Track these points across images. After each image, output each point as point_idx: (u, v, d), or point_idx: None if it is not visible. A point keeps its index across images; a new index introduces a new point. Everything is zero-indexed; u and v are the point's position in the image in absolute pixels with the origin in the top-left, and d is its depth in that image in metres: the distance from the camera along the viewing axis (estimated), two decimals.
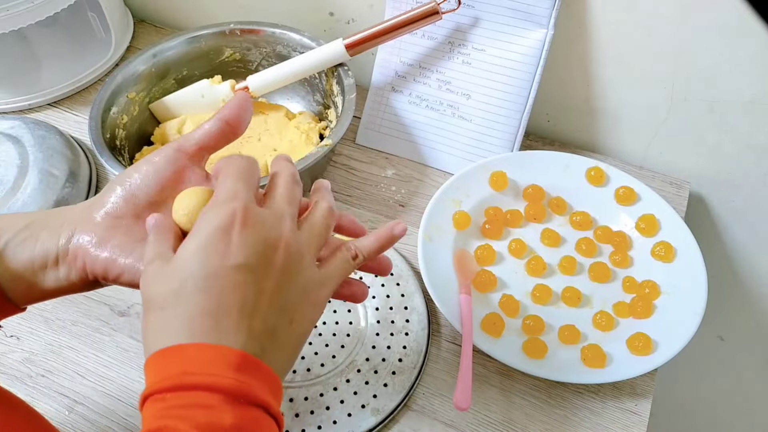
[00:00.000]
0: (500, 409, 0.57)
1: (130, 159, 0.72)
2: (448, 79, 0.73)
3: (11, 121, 0.75)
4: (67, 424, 0.56)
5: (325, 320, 0.61)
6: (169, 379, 0.31)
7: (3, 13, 0.71)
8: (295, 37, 0.75)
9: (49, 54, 0.88)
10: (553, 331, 0.60)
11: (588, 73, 0.72)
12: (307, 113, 0.78)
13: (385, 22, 0.68)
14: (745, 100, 0.66)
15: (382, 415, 0.55)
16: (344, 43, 0.69)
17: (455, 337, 0.62)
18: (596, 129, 0.77)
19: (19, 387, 0.59)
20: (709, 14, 0.62)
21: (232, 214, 0.34)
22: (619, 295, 0.63)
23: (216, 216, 0.34)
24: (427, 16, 0.67)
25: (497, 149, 0.73)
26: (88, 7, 0.86)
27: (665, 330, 0.59)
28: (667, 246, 0.64)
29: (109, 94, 0.71)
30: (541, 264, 0.64)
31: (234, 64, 0.79)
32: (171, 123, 0.75)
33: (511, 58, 0.70)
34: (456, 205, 0.68)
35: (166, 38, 0.76)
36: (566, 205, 0.70)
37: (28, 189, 0.68)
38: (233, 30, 0.76)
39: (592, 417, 0.57)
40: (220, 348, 0.31)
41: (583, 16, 0.67)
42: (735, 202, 0.76)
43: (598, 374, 0.56)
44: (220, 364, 0.31)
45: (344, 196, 0.73)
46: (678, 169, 0.75)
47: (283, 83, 0.72)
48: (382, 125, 0.77)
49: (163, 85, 0.77)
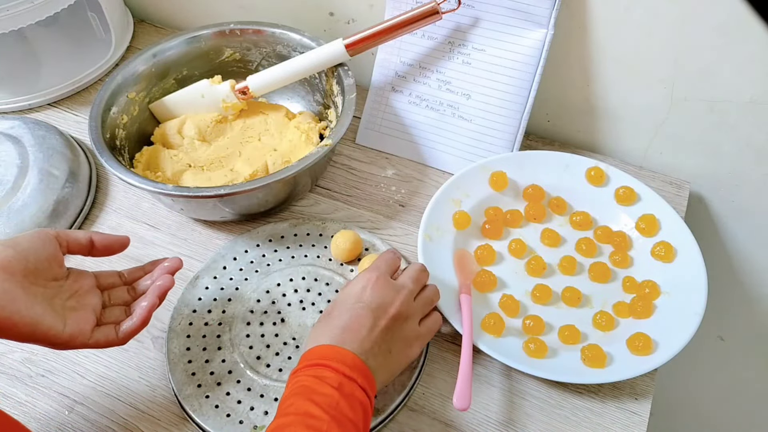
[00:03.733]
0: (500, 409, 0.57)
1: (130, 159, 0.72)
2: (448, 79, 0.73)
3: (11, 121, 0.75)
4: (67, 424, 0.57)
5: None
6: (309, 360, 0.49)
7: (3, 13, 0.71)
8: (295, 37, 0.75)
9: (49, 54, 0.88)
10: (553, 331, 0.60)
11: (588, 73, 0.72)
12: (307, 113, 0.78)
13: (385, 22, 0.68)
14: (745, 100, 0.66)
15: (382, 415, 0.55)
16: (344, 43, 0.69)
17: (455, 337, 0.62)
18: (596, 129, 0.77)
19: (19, 387, 0.59)
20: (709, 14, 0.62)
21: (372, 276, 0.54)
22: (619, 295, 0.63)
23: (364, 276, 0.55)
24: (427, 16, 0.67)
25: (497, 149, 0.73)
26: (88, 7, 0.86)
27: (665, 330, 0.59)
28: (667, 246, 0.64)
29: (109, 94, 0.71)
30: (541, 264, 0.64)
31: (234, 64, 0.79)
32: (171, 123, 0.75)
33: (511, 58, 0.70)
34: (456, 205, 0.68)
35: (166, 38, 0.76)
36: (566, 205, 0.70)
37: (28, 189, 0.68)
38: (233, 30, 0.76)
39: (592, 417, 0.57)
40: (343, 351, 0.49)
41: (583, 16, 0.67)
42: (735, 202, 0.76)
43: (598, 374, 0.56)
44: (341, 359, 0.48)
45: (344, 196, 0.73)
46: (678, 169, 0.75)
47: (283, 83, 0.72)
48: (382, 125, 0.77)
49: (163, 85, 0.77)
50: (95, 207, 0.73)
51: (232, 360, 0.58)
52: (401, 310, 0.53)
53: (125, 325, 0.52)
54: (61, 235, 0.52)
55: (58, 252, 0.51)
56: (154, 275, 0.56)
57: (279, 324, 0.61)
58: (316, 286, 0.64)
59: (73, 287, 0.52)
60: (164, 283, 0.54)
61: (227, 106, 0.74)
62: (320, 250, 0.66)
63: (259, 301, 0.63)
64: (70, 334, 0.49)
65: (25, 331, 0.47)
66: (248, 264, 0.65)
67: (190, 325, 0.61)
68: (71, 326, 0.49)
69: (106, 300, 0.54)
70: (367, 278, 0.54)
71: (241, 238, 0.67)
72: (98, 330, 0.51)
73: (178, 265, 0.56)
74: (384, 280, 0.54)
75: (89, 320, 0.51)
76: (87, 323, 0.50)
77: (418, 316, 0.55)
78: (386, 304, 0.53)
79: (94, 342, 0.50)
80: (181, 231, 0.70)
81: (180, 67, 0.77)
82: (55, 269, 0.51)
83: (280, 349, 0.59)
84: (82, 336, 0.49)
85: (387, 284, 0.54)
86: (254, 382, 0.57)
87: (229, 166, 0.72)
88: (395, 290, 0.54)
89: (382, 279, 0.54)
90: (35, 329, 0.47)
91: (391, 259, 0.58)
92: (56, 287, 0.50)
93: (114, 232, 0.70)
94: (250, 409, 0.55)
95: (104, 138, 0.67)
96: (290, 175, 0.62)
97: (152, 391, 0.58)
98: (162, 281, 0.55)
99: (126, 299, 0.55)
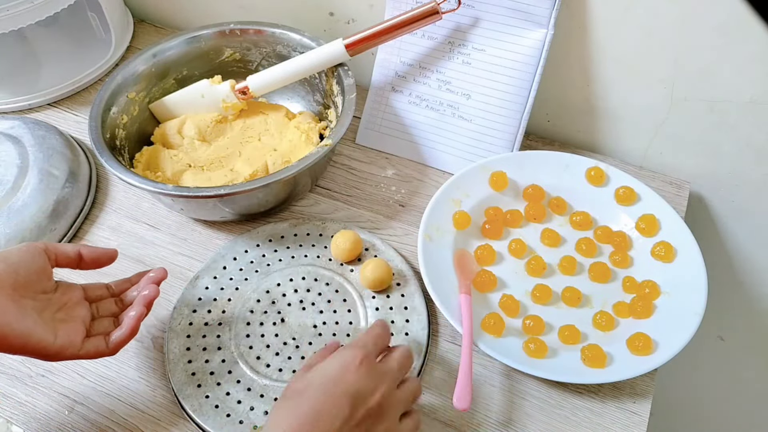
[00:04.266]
0: (500, 409, 0.57)
1: (130, 159, 0.72)
2: (448, 79, 0.73)
3: (11, 121, 0.75)
4: (67, 424, 0.57)
5: (325, 320, 0.61)
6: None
7: (3, 13, 0.71)
8: (295, 37, 0.75)
9: (49, 54, 0.88)
10: (554, 331, 0.60)
11: (588, 73, 0.72)
12: (307, 113, 0.78)
13: (385, 22, 0.68)
14: (745, 100, 0.66)
15: None
16: (344, 43, 0.69)
17: (455, 337, 0.62)
18: (596, 129, 0.77)
19: (19, 387, 0.59)
20: (709, 14, 0.62)
21: (357, 356, 0.47)
22: (619, 295, 0.63)
23: (347, 353, 0.47)
24: (427, 16, 0.67)
25: (497, 149, 0.73)
26: (88, 7, 0.87)
27: (665, 330, 0.59)
28: (667, 246, 0.64)
29: (109, 94, 0.71)
30: (541, 264, 0.64)
31: (234, 64, 0.79)
32: (171, 123, 0.75)
33: (511, 58, 0.70)
34: (456, 205, 0.68)
35: (165, 38, 0.76)
36: (566, 205, 0.70)
37: (28, 189, 0.68)
38: (233, 30, 0.76)
39: (592, 417, 0.57)
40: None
41: (583, 16, 0.67)
42: (735, 202, 0.76)
43: (598, 374, 0.56)
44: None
45: (344, 196, 0.73)
46: (678, 169, 0.75)
47: (283, 83, 0.72)
48: (382, 125, 0.77)
49: (163, 85, 0.77)
50: (95, 207, 0.73)
51: (232, 360, 0.58)
52: (382, 402, 0.46)
53: (115, 335, 0.52)
54: (50, 248, 0.53)
55: (47, 265, 0.52)
56: (140, 286, 0.56)
57: (279, 324, 0.61)
58: (316, 286, 0.64)
59: (62, 300, 0.52)
60: (150, 293, 0.55)
61: (227, 106, 0.74)
62: (320, 250, 0.66)
63: (259, 301, 0.63)
64: (60, 345, 0.49)
65: (16, 344, 0.47)
66: (248, 264, 0.65)
67: (190, 325, 0.61)
68: (62, 338, 0.49)
69: (95, 312, 0.55)
70: (351, 357, 0.47)
71: (241, 238, 0.67)
72: (88, 341, 0.51)
73: (163, 275, 0.57)
74: (369, 362, 0.47)
75: (79, 331, 0.51)
76: (77, 334, 0.51)
77: (399, 410, 0.48)
78: (368, 392, 0.46)
79: (85, 353, 0.51)
80: (181, 231, 0.70)
81: (180, 67, 0.77)
82: (45, 282, 0.51)
83: (280, 349, 0.59)
84: (73, 347, 0.50)
85: (372, 368, 0.47)
86: (254, 382, 0.57)
87: (229, 166, 0.72)
88: (379, 376, 0.47)
89: (367, 361, 0.47)
90: (27, 341, 0.47)
91: (380, 336, 0.51)
92: (45, 300, 0.51)
93: (114, 232, 0.70)
94: (250, 409, 0.55)
95: (104, 138, 0.67)
96: (290, 175, 0.62)
97: (152, 391, 0.58)
98: (148, 291, 0.55)
99: (114, 311, 0.55)
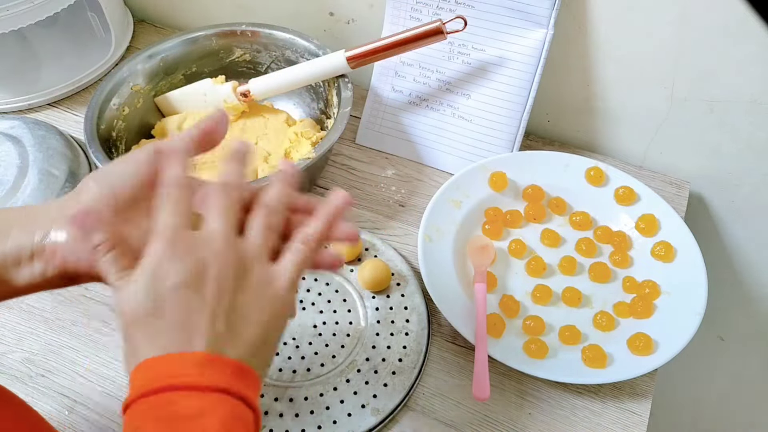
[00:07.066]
0: (500, 409, 0.57)
1: (126, 151, 0.72)
2: (448, 79, 0.73)
3: (11, 121, 0.75)
4: (67, 424, 0.56)
5: (325, 320, 0.61)
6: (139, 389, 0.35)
7: (3, 13, 0.71)
8: (303, 44, 0.75)
9: (49, 54, 0.88)
10: (554, 331, 0.60)
11: (588, 74, 0.72)
12: (308, 120, 0.78)
13: (389, 37, 0.67)
14: (745, 100, 0.66)
15: (382, 415, 0.55)
16: (346, 56, 0.68)
17: (455, 337, 0.62)
18: (596, 129, 0.77)
19: (19, 387, 0.59)
20: (709, 15, 0.62)
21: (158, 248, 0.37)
22: (619, 295, 0.63)
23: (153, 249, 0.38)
24: (431, 35, 0.65)
25: (497, 149, 0.73)
26: (88, 7, 0.86)
27: (665, 330, 0.59)
28: (667, 246, 0.64)
29: (112, 85, 0.71)
30: (541, 264, 0.64)
31: (244, 64, 0.79)
32: (172, 119, 0.76)
33: (511, 58, 0.70)
34: (456, 205, 0.68)
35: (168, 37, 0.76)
36: (566, 205, 0.70)
37: (28, 189, 0.68)
38: (244, 31, 0.77)
39: (592, 417, 0.57)
40: (182, 354, 0.35)
41: (583, 16, 0.67)
42: (735, 202, 0.76)
43: (598, 374, 0.56)
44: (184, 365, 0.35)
45: None
46: (678, 169, 0.75)
47: (284, 89, 0.72)
48: (382, 125, 0.77)
49: (171, 79, 0.78)
50: None
51: None
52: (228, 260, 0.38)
53: None
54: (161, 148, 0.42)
55: None
56: None
57: None
58: (316, 286, 0.64)
59: None
60: None
61: (228, 107, 0.74)
62: None
63: None
64: None
65: None
66: None
67: None
68: None
69: None
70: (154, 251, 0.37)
71: None
72: None
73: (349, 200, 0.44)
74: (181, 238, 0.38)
75: None
76: None
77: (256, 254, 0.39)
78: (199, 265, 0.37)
79: None
80: None
81: (189, 64, 0.78)
82: None
83: (280, 349, 0.59)
84: None
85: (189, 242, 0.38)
86: None
87: None
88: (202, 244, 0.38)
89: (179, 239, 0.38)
90: None
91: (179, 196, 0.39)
92: None
93: None
94: None
95: (98, 129, 0.67)
96: None
97: None
98: None
99: None
